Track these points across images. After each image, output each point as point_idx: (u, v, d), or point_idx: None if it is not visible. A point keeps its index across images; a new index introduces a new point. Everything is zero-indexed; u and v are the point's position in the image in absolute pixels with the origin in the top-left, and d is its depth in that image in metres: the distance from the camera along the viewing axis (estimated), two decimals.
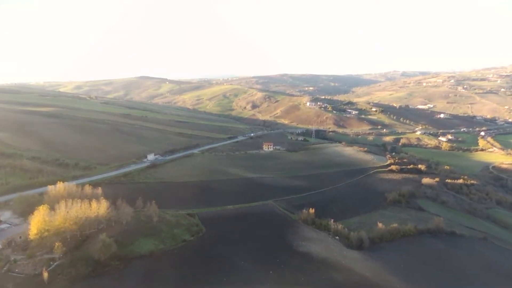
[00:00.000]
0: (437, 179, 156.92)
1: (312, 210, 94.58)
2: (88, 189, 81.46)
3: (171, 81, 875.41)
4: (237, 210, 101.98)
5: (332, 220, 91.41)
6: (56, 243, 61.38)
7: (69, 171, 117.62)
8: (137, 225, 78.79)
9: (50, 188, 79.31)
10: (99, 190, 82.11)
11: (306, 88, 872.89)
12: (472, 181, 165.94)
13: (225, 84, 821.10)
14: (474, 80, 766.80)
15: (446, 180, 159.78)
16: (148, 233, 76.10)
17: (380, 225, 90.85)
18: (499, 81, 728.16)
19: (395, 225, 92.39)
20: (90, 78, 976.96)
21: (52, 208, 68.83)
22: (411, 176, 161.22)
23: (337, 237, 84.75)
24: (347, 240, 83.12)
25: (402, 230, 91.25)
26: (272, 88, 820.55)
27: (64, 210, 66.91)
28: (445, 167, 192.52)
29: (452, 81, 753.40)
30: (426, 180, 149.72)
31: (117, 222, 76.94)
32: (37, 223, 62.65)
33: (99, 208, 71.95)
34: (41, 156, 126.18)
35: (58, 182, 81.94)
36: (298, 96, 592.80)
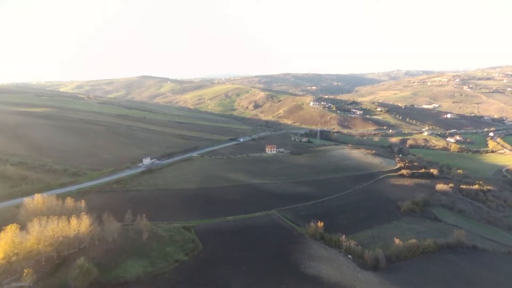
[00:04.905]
0: (451, 184, 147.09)
1: (321, 224, 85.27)
2: (70, 202, 72.41)
3: (172, 81, 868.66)
4: (238, 222, 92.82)
5: (343, 235, 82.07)
6: (26, 270, 52.54)
7: (57, 178, 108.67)
8: (124, 243, 69.84)
9: (27, 201, 70.34)
10: (82, 203, 73.02)
11: (309, 88, 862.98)
12: (488, 187, 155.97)
13: (227, 83, 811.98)
14: (479, 79, 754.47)
15: (461, 186, 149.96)
16: (136, 253, 67.12)
17: (397, 241, 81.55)
18: (505, 80, 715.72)
19: (413, 240, 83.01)
20: (92, 77, 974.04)
21: (26, 225, 60.33)
22: (423, 181, 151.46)
23: (349, 256, 75.44)
24: (361, 260, 73.79)
25: (421, 246, 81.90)
26: (275, 87, 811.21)
27: (38, 229, 58.00)
28: (458, 171, 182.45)
29: (457, 80, 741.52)
30: (440, 186, 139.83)
31: (101, 240, 68.01)
32: (4, 245, 53.73)
33: (80, 225, 62.96)
34: (27, 161, 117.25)
35: (36, 194, 72.88)
36: (301, 95, 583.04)
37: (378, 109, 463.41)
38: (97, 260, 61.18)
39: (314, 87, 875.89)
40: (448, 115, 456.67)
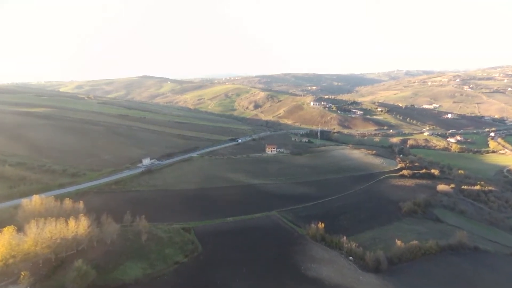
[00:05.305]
0: (452, 185, 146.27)
1: (321, 225, 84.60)
2: (68, 203, 71.70)
3: (172, 81, 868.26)
4: (238, 223, 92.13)
5: (344, 237, 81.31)
6: (22, 273, 51.86)
7: (56, 179, 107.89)
8: (123, 244, 69.14)
9: (24, 202, 69.71)
10: (81, 205, 72.37)
11: (309, 88, 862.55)
12: (489, 187, 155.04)
13: (227, 83, 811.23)
14: (480, 79, 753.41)
15: (462, 187, 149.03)
16: (135, 254, 66.43)
17: (399, 243, 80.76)
18: (505, 80, 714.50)
19: (415, 242, 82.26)
20: (92, 77, 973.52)
21: (24, 227, 59.70)
22: (424, 182, 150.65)
23: (350, 258, 74.73)
24: (362, 261, 73.12)
25: (423, 248, 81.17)
26: (275, 87, 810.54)
27: (35, 231, 57.30)
28: (459, 171, 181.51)
29: (458, 80, 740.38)
30: (441, 187, 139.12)
31: (100, 242, 67.28)
32: (1, 248, 52.98)
33: (78, 226, 62.24)
34: (26, 162, 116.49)
35: (34, 195, 72.23)
36: (301, 95, 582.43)
37: (379, 109, 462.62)
38: (95, 262, 60.53)
39: (314, 87, 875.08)
40: (449, 115, 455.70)
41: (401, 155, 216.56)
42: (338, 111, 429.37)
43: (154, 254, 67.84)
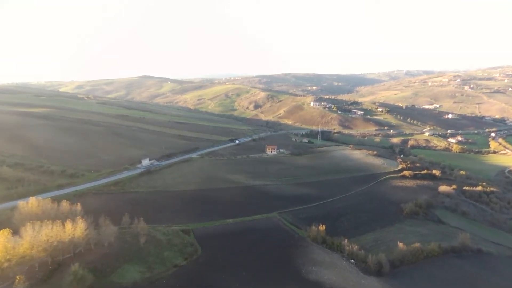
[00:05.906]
0: (454, 186, 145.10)
1: (322, 227, 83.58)
2: (65, 205, 70.69)
3: (172, 81, 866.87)
4: (238, 224, 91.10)
5: (346, 239, 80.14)
6: (18, 276, 50.85)
7: (54, 179, 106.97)
8: (121, 247, 68.05)
9: (21, 204, 68.73)
10: (78, 207, 71.35)
11: (310, 88, 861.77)
12: (491, 188, 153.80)
13: (227, 83, 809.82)
14: (480, 79, 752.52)
15: (464, 188, 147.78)
16: (133, 257, 65.33)
17: (401, 245, 79.56)
18: (506, 80, 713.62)
19: (417, 244, 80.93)
20: (92, 77, 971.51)
21: (20, 229, 58.63)
22: (425, 182, 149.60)
23: (352, 260, 73.62)
24: (364, 264, 71.90)
25: (425, 250, 79.88)
26: (275, 87, 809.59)
27: (31, 234, 56.24)
28: (460, 172, 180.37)
29: (458, 80, 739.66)
30: (443, 188, 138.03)
31: (97, 244, 66.24)
32: None
33: (75, 229, 61.18)
34: (25, 163, 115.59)
35: (31, 197, 71.19)
36: (301, 95, 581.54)
37: (379, 109, 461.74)
38: (92, 265, 59.55)
39: (314, 87, 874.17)
40: (449, 116, 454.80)
41: (402, 156, 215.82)
42: (339, 111, 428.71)
43: (153, 257, 66.76)
